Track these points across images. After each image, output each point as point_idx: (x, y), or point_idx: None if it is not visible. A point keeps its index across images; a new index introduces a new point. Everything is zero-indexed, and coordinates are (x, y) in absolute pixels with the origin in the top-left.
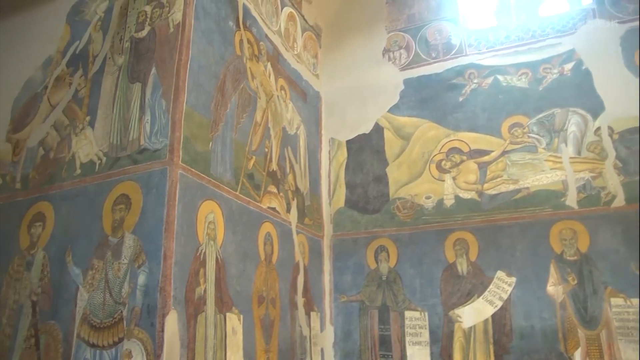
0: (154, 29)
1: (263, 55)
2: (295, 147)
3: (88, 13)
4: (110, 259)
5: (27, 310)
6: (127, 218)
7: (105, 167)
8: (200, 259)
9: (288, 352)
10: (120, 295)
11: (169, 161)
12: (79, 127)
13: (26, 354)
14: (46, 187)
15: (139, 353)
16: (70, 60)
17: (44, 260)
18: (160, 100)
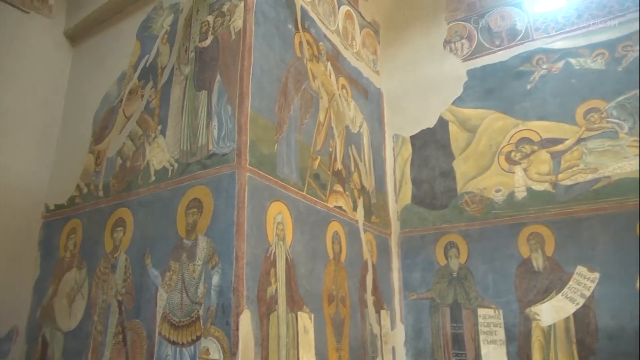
0: (216, 37)
1: (323, 55)
2: (359, 145)
3: (155, 28)
4: (186, 261)
5: (114, 309)
6: (200, 221)
7: (177, 173)
8: (270, 259)
9: (359, 350)
10: (196, 295)
11: (236, 165)
12: (151, 136)
13: (115, 349)
14: (125, 194)
15: (216, 350)
16: (141, 73)
17: (126, 262)
18: (226, 106)
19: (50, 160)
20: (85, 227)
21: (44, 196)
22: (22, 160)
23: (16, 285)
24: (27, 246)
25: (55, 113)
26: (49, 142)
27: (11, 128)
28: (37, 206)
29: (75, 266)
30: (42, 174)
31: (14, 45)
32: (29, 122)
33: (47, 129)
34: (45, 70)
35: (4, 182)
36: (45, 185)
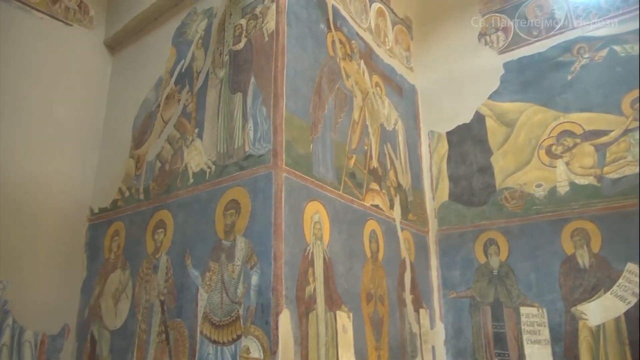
0: (250, 40)
1: (356, 53)
2: (394, 143)
3: (190, 33)
4: (225, 261)
5: (157, 309)
6: (238, 222)
7: (214, 175)
8: (308, 259)
9: (399, 349)
10: (236, 295)
11: (273, 165)
12: (189, 140)
13: (159, 348)
14: (164, 196)
15: (256, 349)
16: (177, 78)
17: (167, 263)
18: (261, 107)
19: (94, 166)
20: (127, 230)
21: (89, 200)
22: (68, 166)
23: (66, 286)
24: (75, 248)
25: (98, 120)
26: (93, 149)
27: (58, 136)
28: (82, 210)
29: (119, 267)
30: (87, 179)
31: (59, 57)
32: (74, 130)
33: (90, 135)
34: (87, 80)
35: (53, 187)
36: (90, 189)
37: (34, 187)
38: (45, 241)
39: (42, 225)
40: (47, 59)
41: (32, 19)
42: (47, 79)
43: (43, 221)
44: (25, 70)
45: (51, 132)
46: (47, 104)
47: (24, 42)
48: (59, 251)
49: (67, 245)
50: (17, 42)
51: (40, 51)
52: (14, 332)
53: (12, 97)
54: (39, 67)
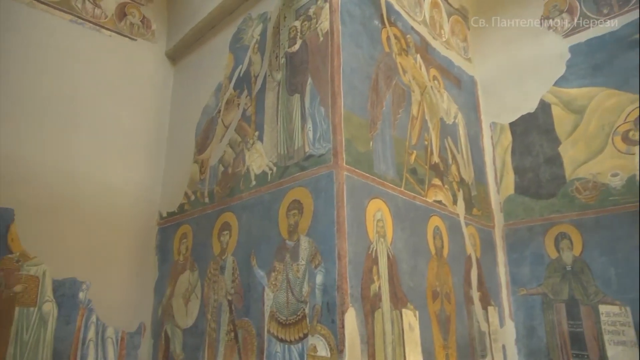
0: (305, 41)
1: (411, 48)
2: (455, 137)
3: (246, 39)
4: (289, 261)
5: (225, 308)
6: (301, 222)
7: (276, 176)
8: (372, 257)
9: (467, 348)
10: (302, 294)
11: (334, 164)
12: (250, 143)
13: (229, 346)
14: (228, 199)
15: (323, 348)
16: (236, 83)
17: (233, 264)
18: (319, 107)
19: (161, 172)
20: (194, 232)
21: (157, 205)
22: (138, 174)
23: (141, 286)
24: (147, 251)
25: (162, 128)
26: (159, 156)
27: (128, 146)
28: (152, 214)
29: (188, 268)
30: (155, 185)
31: (126, 71)
32: (142, 139)
33: (157, 143)
34: (152, 90)
35: (126, 194)
36: (158, 195)
37: (109, 194)
38: (120, 245)
39: (117, 230)
40: (116, 73)
41: (102, 37)
42: (116, 92)
43: (118, 226)
44: (98, 85)
45: (121, 142)
46: (117, 115)
47: (96, 59)
48: (133, 254)
49: (140, 248)
50: (90, 59)
51: (109, 66)
52: (98, 329)
53: (86, 111)
54: (109, 81)
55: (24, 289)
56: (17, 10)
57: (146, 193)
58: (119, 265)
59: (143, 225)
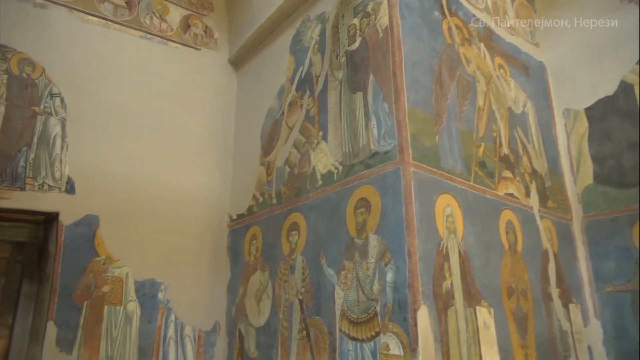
0: (364, 38)
1: (474, 37)
2: (525, 126)
3: (305, 40)
4: (359, 259)
5: (296, 307)
6: (369, 220)
7: (342, 175)
8: (443, 253)
9: (548, 348)
10: (372, 293)
11: (400, 161)
12: (314, 143)
13: (301, 344)
14: (295, 199)
15: (396, 346)
16: (298, 85)
17: (303, 264)
18: (383, 104)
19: (229, 175)
20: (264, 233)
21: (227, 207)
22: (208, 178)
23: (214, 287)
24: (219, 253)
25: (229, 133)
26: (227, 160)
27: (197, 152)
28: (222, 217)
29: (259, 269)
30: (224, 188)
31: (192, 79)
32: (210, 145)
33: (224, 148)
34: (217, 97)
35: (197, 198)
36: (227, 197)
37: (182, 199)
38: (194, 247)
39: (190, 233)
40: (183, 82)
41: (169, 50)
42: (184, 100)
43: (191, 229)
44: (167, 95)
45: (191, 148)
46: (186, 123)
47: (164, 70)
48: (206, 256)
49: (212, 250)
50: (159, 71)
51: (177, 76)
52: (177, 327)
53: (158, 121)
54: (178, 90)
55: (111, 289)
56: (93, 31)
57: (216, 196)
58: (193, 266)
59: (214, 227)
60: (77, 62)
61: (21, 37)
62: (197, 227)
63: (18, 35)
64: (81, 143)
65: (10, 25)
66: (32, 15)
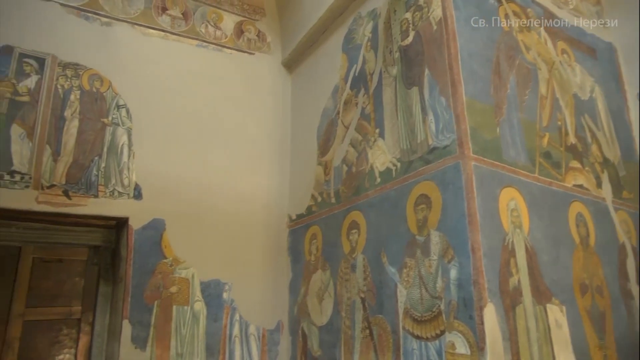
0: (418, 32)
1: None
2: (593, 113)
3: (358, 38)
4: (421, 257)
5: (358, 306)
6: (430, 216)
7: (400, 172)
8: (508, 249)
9: (631, 349)
10: (435, 290)
11: (460, 155)
12: (371, 140)
13: (364, 343)
14: (354, 198)
15: (462, 345)
16: (352, 83)
17: (364, 262)
18: (439, 97)
19: (288, 176)
20: (324, 232)
21: (286, 208)
22: (266, 179)
23: (276, 286)
24: (279, 253)
25: (285, 134)
26: (285, 161)
27: (255, 154)
28: (282, 217)
29: (319, 268)
30: (283, 189)
31: (248, 84)
32: (267, 147)
33: (281, 149)
34: (272, 99)
35: (256, 200)
36: (286, 198)
37: (242, 201)
38: (255, 248)
39: (251, 234)
40: (239, 87)
41: (224, 56)
42: (241, 105)
43: (252, 230)
44: (224, 100)
45: (249, 151)
46: (243, 126)
47: (220, 76)
48: (267, 256)
49: (273, 250)
50: (215, 77)
51: (232, 81)
52: (242, 326)
53: (216, 126)
54: (234, 95)
55: (178, 289)
56: (154, 43)
57: (275, 197)
58: (255, 266)
59: (275, 228)
60: (140, 74)
61: (90, 54)
62: (258, 228)
63: (88, 53)
64: (146, 150)
65: (81, 45)
66: (99, 34)
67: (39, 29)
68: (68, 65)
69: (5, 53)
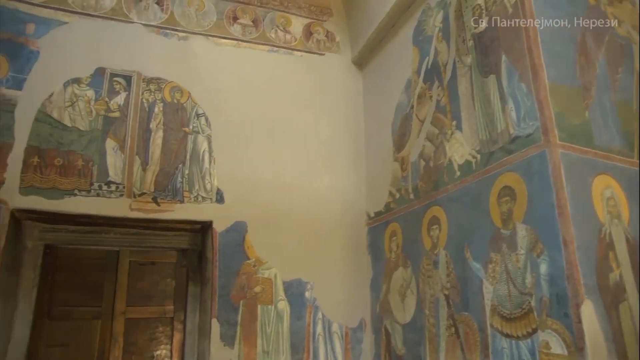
0: (492, 17)
1: None
2: None
3: (428, 29)
4: (507, 251)
5: (443, 303)
6: (515, 209)
7: (481, 164)
8: (606, 241)
9: None
10: (525, 286)
11: (545, 143)
12: (448, 133)
13: (450, 341)
14: (433, 193)
15: (558, 345)
16: (425, 76)
17: (446, 258)
18: (519, 84)
19: (363, 174)
20: (403, 229)
21: (364, 206)
22: (342, 178)
23: (357, 284)
24: (359, 251)
25: (359, 132)
26: (360, 159)
27: (330, 154)
28: (360, 215)
29: (400, 265)
30: (359, 187)
31: (319, 85)
32: (341, 146)
33: (355, 147)
34: (344, 98)
35: (333, 199)
36: (363, 196)
37: (320, 201)
38: (335, 247)
39: (330, 233)
40: (311, 88)
41: (294, 59)
42: (313, 106)
43: (331, 230)
44: (296, 102)
45: (324, 151)
46: (317, 127)
47: (291, 79)
48: (347, 254)
49: (353, 248)
50: (287, 80)
51: (304, 83)
52: (324, 325)
53: (290, 128)
54: (306, 96)
55: (262, 289)
56: (227, 52)
57: (352, 196)
58: (335, 265)
59: (353, 226)
60: (216, 83)
61: (170, 68)
62: (336, 227)
63: (168, 67)
64: (226, 156)
65: (162, 60)
66: (177, 48)
67: (125, 49)
68: (151, 80)
69: (98, 75)
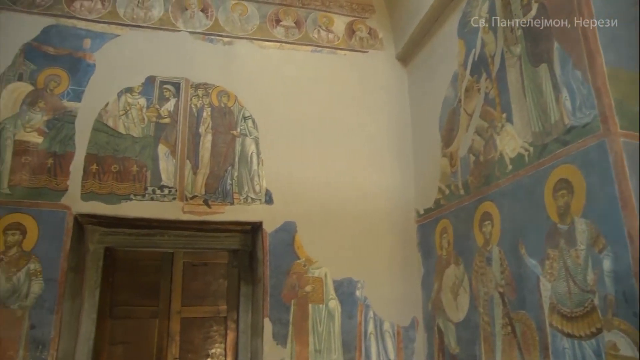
0: (541, 3)
1: None
2: None
3: (474, 21)
4: (565, 247)
5: (497, 301)
6: (573, 203)
7: (534, 157)
8: None
9: None
10: (586, 283)
11: (604, 132)
12: (498, 126)
13: (506, 340)
14: (485, 188)
15: (627, 347)
16: (472, 68)
17: (500, 254)
18: (574, 71)
19: (411, 171)
20: (454, 225)
21: (413, 203)
22: (390, 176)
23: (408, 283)
24: (409, 248)
25: (406, 128)
26: (407, 155)
27: (376, 151)
28: (409, 213)
29: (452, 262)
30: (407, 184)
31: (364, 82)
32: (388, 143)
33: (402, 144)
34: (389, 94)
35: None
36: (412, 193)
37: (368, 199)
38: (385, 245)
39: (380, 231)
40: (355, 86)
41: (338, 58)
42: (358, 103)
43: (380, 228)
44: (341, 101)
45: (370, 149)
46: (363, 125)
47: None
48: (397, 252)
49: (403, 246)
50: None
51: (348, 81)
52: (376, 323)
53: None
54: (351, 94)
55: (313, 288)
56: (271, 54)
57: (401, 193)
58: (386, 263)
59: (402, 224)
60: (261, 85)
61: (216, 73)
62: (385, 225)
63: (214, 72)
64: (273, 157)
65: (208, 65)
66: (222, 53)
67: (173, 57)
68: (199, 86)
69: (149, 83)
